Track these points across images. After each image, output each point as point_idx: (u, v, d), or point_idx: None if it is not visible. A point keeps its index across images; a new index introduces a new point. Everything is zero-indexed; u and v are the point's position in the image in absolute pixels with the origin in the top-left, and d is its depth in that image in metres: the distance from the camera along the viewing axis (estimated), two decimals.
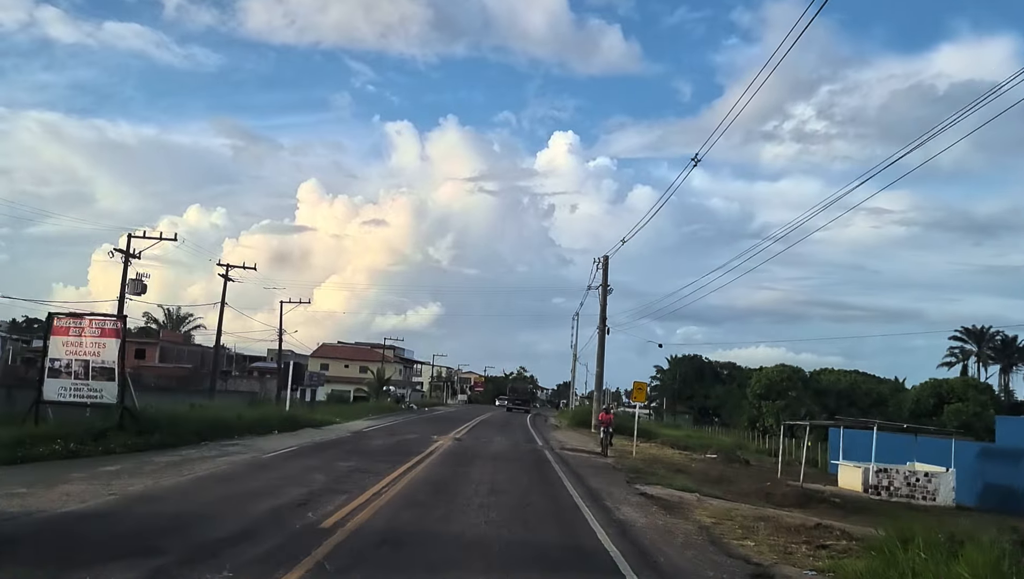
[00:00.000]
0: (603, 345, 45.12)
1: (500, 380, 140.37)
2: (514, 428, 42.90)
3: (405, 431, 29.76)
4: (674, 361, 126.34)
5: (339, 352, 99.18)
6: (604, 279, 45.40)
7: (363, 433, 27.23)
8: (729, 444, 56.44)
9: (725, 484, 23.44)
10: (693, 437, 61.03)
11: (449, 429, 33.82)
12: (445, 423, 39.85)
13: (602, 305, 45.40)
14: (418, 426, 34.75)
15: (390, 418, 41.15)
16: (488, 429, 38.19)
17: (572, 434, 41.79)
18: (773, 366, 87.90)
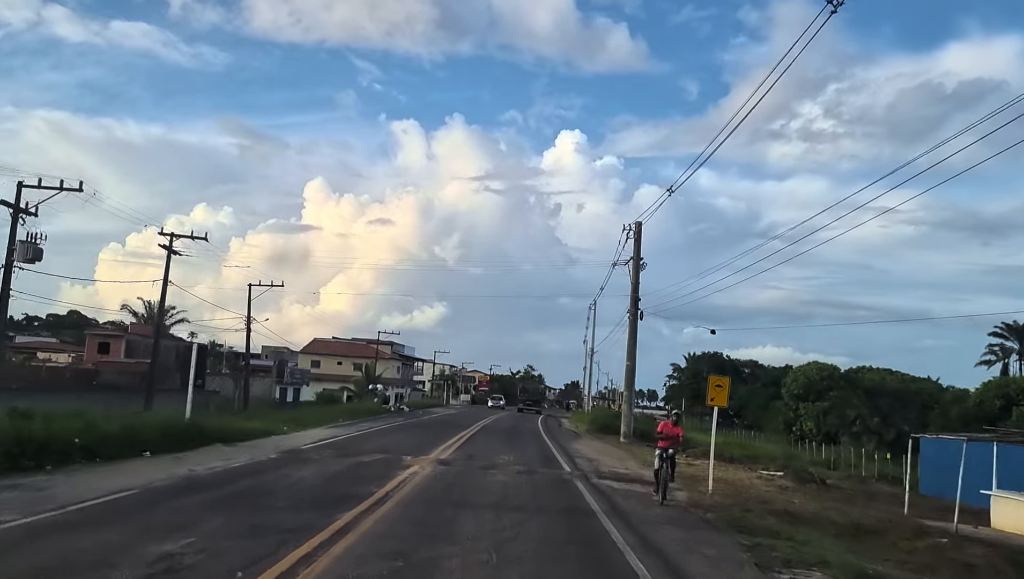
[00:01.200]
0: (635, 332, 35.80)
1: (506, 379, 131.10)
2: (524, 437, 33.58)
3: (371, 448, 20.53)
4: (692, 359, 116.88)
5: (332, 348, 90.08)
6: (636, 250, 36.09)
7: (301, 452, 18.00)
8: (780, 455, 47.14)
9: (872, 539, 14.35)
10: (732, 444, 51.67)
11: (438, 441, 24.61)
12: (436, 431, 30.54)
13: (633, 284, 36.07)
14: (396, 437, 25.52)
15: (367, 424, 31.91)
16: (491, 439, 28.91)
17: (599, 445, 32.47)
18: (809, 363, 78.67)
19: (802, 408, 70.16)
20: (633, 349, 36.08)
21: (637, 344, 36.18)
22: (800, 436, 70.93)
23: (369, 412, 40.47)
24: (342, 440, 22.45)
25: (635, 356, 36.25)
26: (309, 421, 29.10)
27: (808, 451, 57.25)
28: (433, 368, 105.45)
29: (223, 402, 46.53)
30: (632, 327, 36.01)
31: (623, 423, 35.99)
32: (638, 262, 36.19)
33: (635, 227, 36.21)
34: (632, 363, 36.16)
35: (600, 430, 43.39)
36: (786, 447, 57.40)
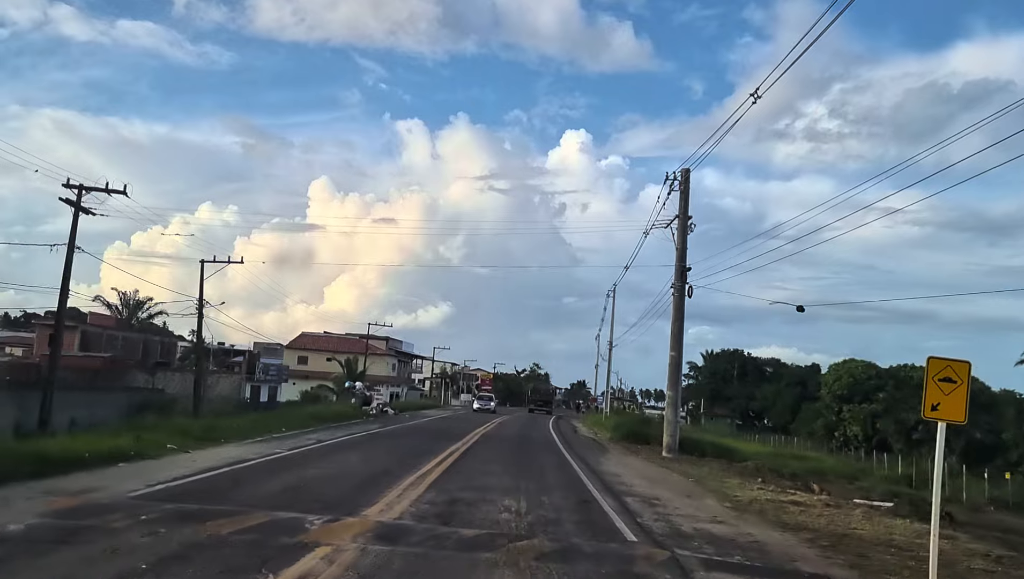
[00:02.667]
0: (682, 312, 26.79)
1: (511, 377, 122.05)
2: (536, 454, 24.65)
3: (269, 492, 11.39)
4: (710, 357, 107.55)
5: (321, 343, 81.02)
6: (683, 205, 27.09)
7: (103, 511, 8.92)
8: (848, 470, 38.13)
9: None
10: (783, 455, 42.55)
11: (407, 468, 15.70)
12: (414, 447, 21.42)
13: (680, 250, 27.07)
14: (341, 463, 16.44)
15: (320, 436, 22.96)
16: (489, 460, 19.83)
17: (640, 466, 23.49)
18: (855, 361, 69.36)
19: (846, 410, 61.12)
20: (680, 334, 27.02)
21: (684, 334, 27.16)
22: (843, 442, 61.80)
23: (339, 417, 31.49)
24: (236, 471, 13.38)
25: (682, 345, 27.24)
26: (236, 432, 20.22)
27: (867, 461, 48.06)
28: (432, 366, 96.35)
29: (166, 403, 37.65)
30: (678, 306, 26.97)
31: (666, 433, 26.94)
32: (685, 221, 27.16)
33: (681, 176, 27.17)
34: (678, 354, 27.10)
35: (627, 439, 34.53)
36: (846, 459, 48.21)
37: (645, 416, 42.97)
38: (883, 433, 54.65)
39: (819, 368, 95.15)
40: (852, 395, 60.85)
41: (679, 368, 27.09)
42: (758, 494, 17.15)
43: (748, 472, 25.07)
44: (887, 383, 60.12)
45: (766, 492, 17.96)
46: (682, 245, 27.20)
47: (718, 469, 24.41)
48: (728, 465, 27.01)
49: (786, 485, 23.60)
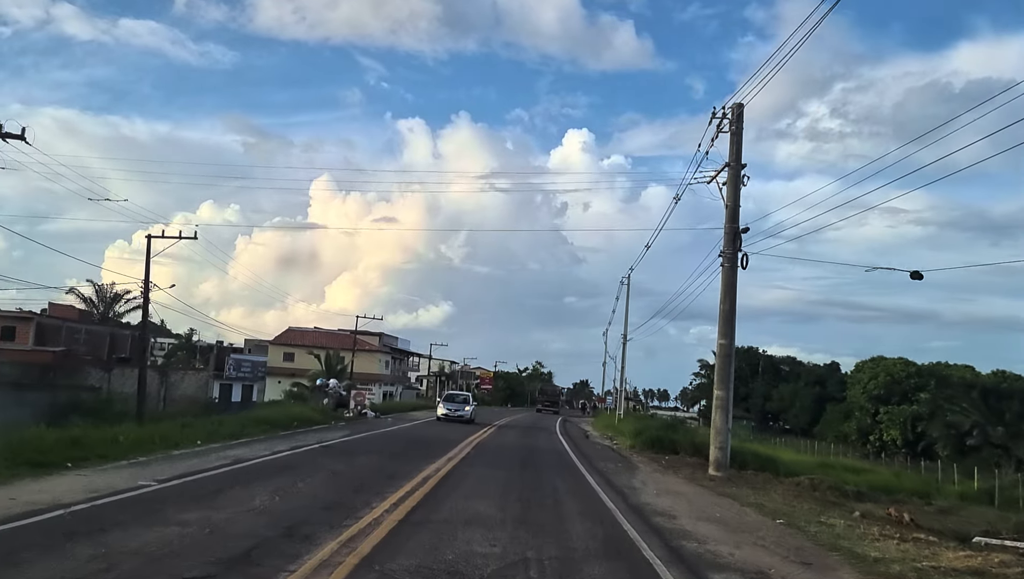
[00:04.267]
0: (734, 285, 20.46)
1: (513, 376, 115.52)
2: (544, 474, 18.42)
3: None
4: None
5: (310, 338, 74.55)
6: (735, 150, 20.76)
7: None
8: (915, 485, 31.81)
9: None
10: (832, 465, 36.15)
11: (329, 523, 9.23)
12: (369, 471, 14.75)
13: (731, 206, 20.71)
14: (234, 505, 9.96)
15: (257, 447, 16.79)
16: (473, 494, 13.26)
17: (686, 488, 17.15)
18: (891, 359, 62.45)
19: (883, 412, 54.59)
20: (731, 316, 20.63)
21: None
22: (880, 447, 55.30)
23: (301, 421, 25.07)
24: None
25: (734, 330, 20.81)
26: (139, 445, 13.94)
27: (913, 469, 41.59)
28: (429, 364, 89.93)
29: (100, 405, 31.39)
30: (729, 281, 20.58)
31: (714, 443, 20.49)
32: (738, 170, 20.78)
33: (732, 112, 20.77)
34: (729, 341, 20.69)
35: (651, 448, 28.25)
36: (894, 467, 41.78)
37: (669, 420, 36.60)
38: (929, 438, 48.11)
39: (838, 366, 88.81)
40: (889, 395, 54.31)
41: (731, 360, 20.67)
42: (899, 551, 10.81)
43: (830, 500, 18.77)
44: (928, 382, 53.59)
45: (902, 544, 11.63)
46: (733, 201, 20.81)
47: (790, 494, 18.08)
48: (794, 487, 20.84)
49: (876, 514, 17.52)
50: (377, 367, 74.52)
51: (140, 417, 28.67)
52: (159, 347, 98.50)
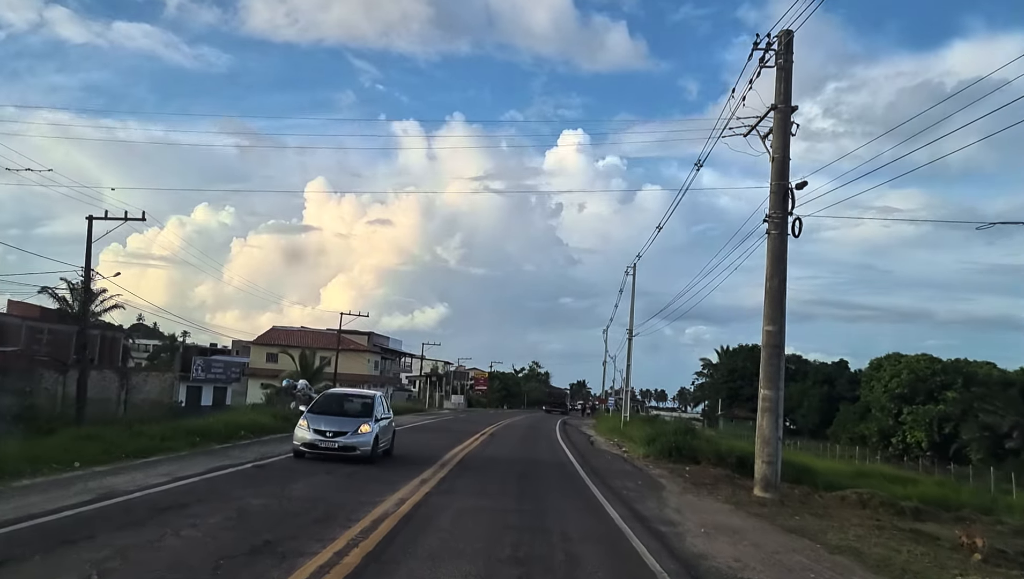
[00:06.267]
0: (784, 256, 16.13)
1: (509, 377, 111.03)
2: (548, 502, 13.70)
3: None
4: (726, 354, 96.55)
5: (294, 338, 69.86)
6: (784, 89, 16.40)
7: None
8: (963, 497, 27.47)
9: None
10: (868, 474, 31.83)
11: None
12: (294, 514, 10.15)
13: (779, 159, 16.36)
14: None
15: (113, 479, 11.94)
16: (442, 555, 8.72)
17: (739, 522, 12.63)
18: (914, 356, 57.80)
19: (906, 413, 50.21)
20: (780, 297, 16.30)
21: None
22: (903, 450, 50.95)
23: (252, 430, 20.55)
24: None
25: (784, 315, 16.45)
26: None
27: (940, 474, 37.22)
28: (421, 364, 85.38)
29: (23, 411, 26.84)
30: (777, 252, 16.23)
31: (761, 456, 16.07)
32: (788, 114, 16.43)
33: (780, 41, 16.39)
34: (779, 329, 16.31)
35: (668, 457, 23.99)
36: (931, 474, 37.40)
37: (684, 424, 32.23)
38: (961, 441, 43.75)
39: (847, 365, 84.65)
40: (913, 395, 49.94)
41: (780, 351, 16.29)
42: None
43: (887, 521, 14.41)
44: (955, 380, 49.25)
45: None
46: (782, 153, 16.42)
47: (866, 523, 13.69)
48: (838, 502, 16.73)
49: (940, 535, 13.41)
50: (365, 368, 69.99)
51: (79, 423, 24.30)
52: (142, 349, 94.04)
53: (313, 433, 15.17)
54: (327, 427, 15.23)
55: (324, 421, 15.43)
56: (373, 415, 16.19)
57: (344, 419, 15.80)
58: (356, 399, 17.31)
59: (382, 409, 17.28)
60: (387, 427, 17.31)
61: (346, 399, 17.27)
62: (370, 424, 15.66)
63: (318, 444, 15.03)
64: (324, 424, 15.31)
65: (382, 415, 16.92)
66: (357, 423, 15.60)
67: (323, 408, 16.35)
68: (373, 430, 15.61)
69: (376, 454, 15.71)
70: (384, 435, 16.73)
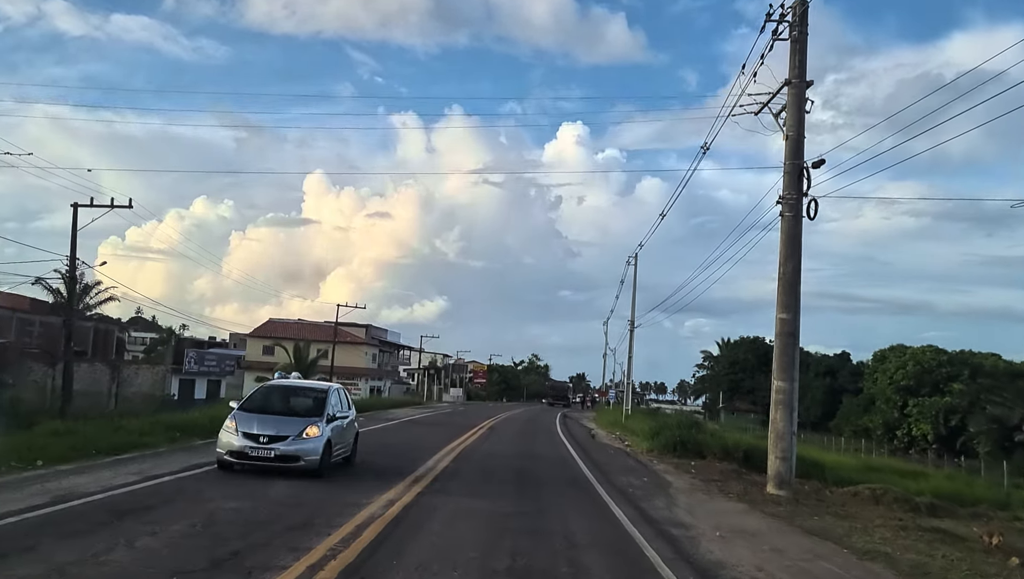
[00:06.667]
0: (798, 240, 15.19)
1: (509, 370, 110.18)
2: (554, 508, 12.79)
3: None
4: (727, 346, 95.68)
5: (291, 331, 68.89)
6: (799, 62, 15.43)
7: None
8: (976, 491, 26.71)
9: None
10: (878, 468, 30.99)
11: None
12: (240, 533, 7.60)
13: (793, 137, 15.41)
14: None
15: (77, 479, 10.98)
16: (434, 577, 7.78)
17: (756, 523, 11.73)
18: (919, 347, 56.85)
19: (911, 405, 49.35)
20: (795, 281, 15.40)
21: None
22: (909, 443, 50.12)
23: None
24: None
25: (799, 301, 15.55)
26: None
27: (951, 467, 36.36)
28: (420, 357, 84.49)
29: (3, 404, 25.88)
30: (791, 234, 15.30)
31: (774, 452, 15.15)
32: (803, 90, 15.49)
33: (795, 12, 15.39)
34: (794, 316, 15.41)
35: (672, 452, 23.11)
36: (936, 467, 36.56)
37: (690, 418, 31.38)
38: (968, 433, 42.88)
39: (849, 356, 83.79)
40: (919, 386, 49.06)
41: (795, 340, 15.37)
42: None
43: (901, 517, 13.52)
44: (961, 372, 48.36)
45: None
46: (796, 131, 15.46)
47: (889, 522, 12.77)
48: (851, 498, 15.93)
49: (958, 533, 12.60)
50: (363, 360, 69.11)
51: (63, 416, 23.41)
52: (139, 342, 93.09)
53: (242, 438, 11.67)
54: (261, 430, 11.75)
55: (258, 422, 11.96)
56: (325, 414, 12.68)
57: (285, 419, 12.31)
58: (304, 393, 13.85)
59: (339, 405, 13.70)
60: (345, 429, 13.79)
61: (291, 393, 13.79)
62: (320, 425, 12.22)
63: (248, 452, 11.60)
64: (258, 426, 11.84)
65: (338, 413, 13.35)
66: (302, 424, 12.11)
67: (259, 405, 12.86)
68: (323, 433, 12.18)
69: (327, 464, 12.31)
70: (341, 439, 13.33)
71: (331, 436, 12.47)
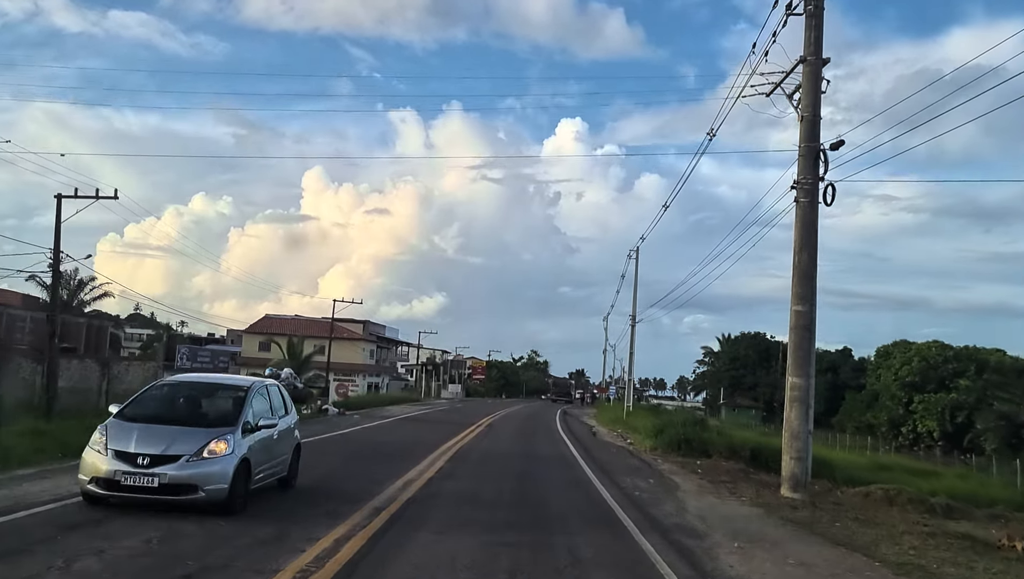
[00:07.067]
0: (815, 227, 14.25)
1: (507, 366, 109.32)
2: (556, 516, 11.94)
3: None
4: (728, 341, 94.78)
5: (288, 327, 67.83)
6: (815, 38, 14.46)
7: None
8: (994, 491, 25.67)
9: None
10: (888, 467, 30.17)
11: None
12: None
13: (809, 117, 14.46)
14: None
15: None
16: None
17: (775, 532, 10.77)
18: (924, 342, 55.90)
19: (917, 401, 48.48)
20: (810, 271, 14.45)
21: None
22: (914, 440, 49.27)
23: None
24: None
25: (815, 292, 14.60)
26: None
27: (959, 465, 35.53)
28: (418, 353, 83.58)
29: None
30: (806, 221, 14.37)
31: (789, 452, 14.25)
32: (819, 68, 14.54)
33: None
34: (810, 308, 14.45)
35: (676, 450, 22.27)
36: (943, 465, 35.69)
37: (695, 415, 30.50)
38: (976, 430, 42.02)
39: (851, 352, 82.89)
40: (924, 382, 48.17)
41: (811, 334, 14.41)
42: None
43: (918, 520, 12.62)
44: (968, 368, 47.48)
45: None
46: (812, 111, 14.52)
47: (917, 531, 11.85)
48: (862, 499, 15.14)
49: (976, 535, 11.80)
50: (360, 357, 68.11)
51: (49, 414, 22.48)
52: (135, 338, 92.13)
53: (113, 459, 8.05)
54: (141, 447, 8.12)
55: (139, 435, 8.30)
56: (240, 422, 8.86)
57: (181, 431, 8.53)
58: (215, 393, 10.02)
59: (265, 410, 9.75)
60: (277, 441, 9.81)
61: (197, 393, 10.00)
62: (230, 438, 8.50)
63: (120, 480, 7.93)
64: (137, 441, 8.19)
65: (264, 421, 9.38)
66: (204, 438, 8.41)
67: (147, 410, 9.12)
68: (236, 449, 8.47)
69: (242, 493, 8.57)
70: (268, 455, 9.51)
71: (250, 453, 8.70)
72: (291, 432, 10.83)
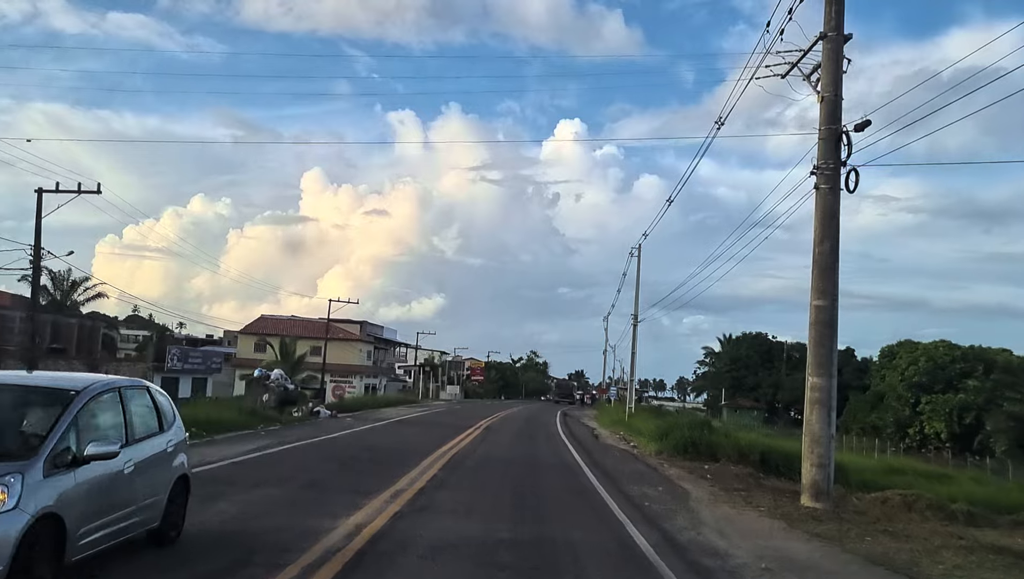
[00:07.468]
0: (836, 217, 13.23)
1: (507, 367, 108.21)
2: (558, 533, 10.73)
3: None
4: (729, 342, 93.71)
5: (284, 327, 66.71)
6: (836, 13, 13.34)
7: None
8: (1015, 497, 24.57)
9: None
10: (900, 470, 29.15)
11: None
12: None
13: (830, 97, 13.38)
14: None
15: None
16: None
17: (801, 547, 9.59)
18: (931, 342, 54.76)
19: (924, 402, 47.40)
20: (832, 265, 13.40)
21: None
22: (921, 441, 48.22)
23: (206, 427, 17.56)
24: None
25: (837, 286, 13.55)
26: None
27: (967, 467, 34.45)
28: (416, 354, 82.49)
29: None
30: (827, 211, 13.32)
31: (810, 458, 13.15)
32: (840, 45, 13.51)
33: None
34: (830, 303, 13.40)
35: (682, 454, 21.21)
36: (950, 466, 34.56)
37: (701, 417, 29.45)
38: (985, 431, 40.98)
39: (853, 353, 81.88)
40: (932, 383, 47.12)
41: (833, 331, 13.33)
42: None
43: (940, 528, 11.54)
44: (975, 368, 46.44)
45: None
46: (833, 91, 13.46)
47: (952, 545, 10.79)
48: (880, 505, 14.07)
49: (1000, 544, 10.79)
50: (357, 358, 67.04)
51: None
52: (131, 340, 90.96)
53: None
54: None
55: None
56: (45, 451, 5.16)
57: None
58: (16, 403, 6.00)
59: (114, 427, 6.15)
60: (130, 478, 6.06)
61: None
62: (12, 482, 4.82)
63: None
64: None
65: (96, 448, 5.49)
66: None
67: None
68: (21, 502, 4.78)
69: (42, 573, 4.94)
70: (110, 502, 5.80)
71: (62, 503, 5.10)
72: (167, 459, 6.95)
